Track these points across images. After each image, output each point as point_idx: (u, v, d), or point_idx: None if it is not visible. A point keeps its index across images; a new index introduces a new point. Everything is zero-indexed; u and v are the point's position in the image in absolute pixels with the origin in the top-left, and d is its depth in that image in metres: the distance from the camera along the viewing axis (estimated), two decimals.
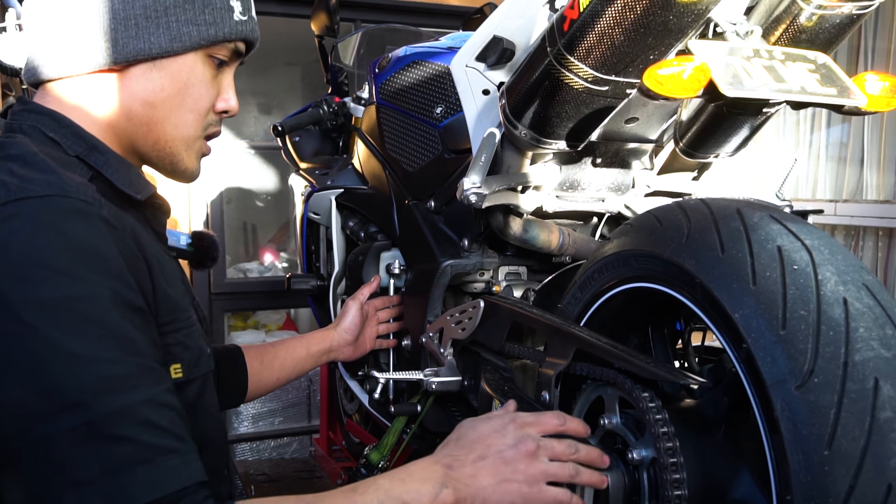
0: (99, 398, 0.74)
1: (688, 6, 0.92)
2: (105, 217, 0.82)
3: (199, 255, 1.14)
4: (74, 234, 0.79)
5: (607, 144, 1.29)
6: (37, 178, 0.81)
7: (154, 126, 1.00)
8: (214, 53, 1.01)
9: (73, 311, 0.76)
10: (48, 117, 0.95)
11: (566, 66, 1.04)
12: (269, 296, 3.66)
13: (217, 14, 0.99)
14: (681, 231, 0.94)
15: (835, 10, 1.01)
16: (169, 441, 0.77)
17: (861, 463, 0.71)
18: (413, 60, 1.73)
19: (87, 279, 0.77)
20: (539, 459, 0.97)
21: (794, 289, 0.80)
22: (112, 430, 0.74)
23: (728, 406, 0.97)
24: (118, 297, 0.79)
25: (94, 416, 0.73)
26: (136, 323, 0.81)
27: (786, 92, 0.92)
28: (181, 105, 1.01)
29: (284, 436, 3.39)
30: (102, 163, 0.95)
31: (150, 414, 0.77)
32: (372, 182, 1.89)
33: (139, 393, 0.77)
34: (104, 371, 0.75)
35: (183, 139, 1.02)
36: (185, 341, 0.96)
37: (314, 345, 1.58)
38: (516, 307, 1.26)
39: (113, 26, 0.94)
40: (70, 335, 0.75)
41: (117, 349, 0.77)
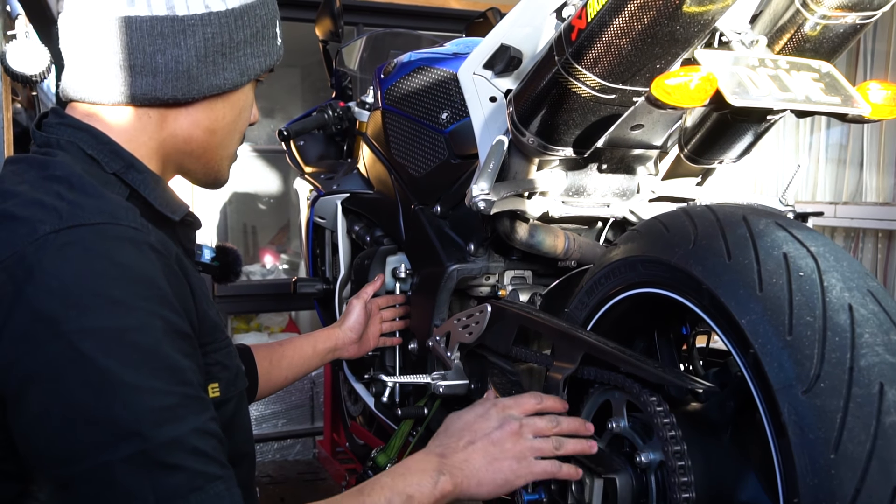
0: (153, 428, 0.76)
1: (694, 16, 0.94)
2: (153, 244, 0.84)
3: (223, 270, 1.15)
4: (127, 263, 0.80)
5: (613, 150, 1.31)
6: (86, 203, 0.82)
7: (210, 149, 1.04)
8: (260, 78, 1.06)
9: (127, 342, 0.77)
10: (86, 133, 0.94)
11: (574, 74, 1.06)
12: (271, 298, 3.67)
13: (270, 44, 1.04)
14: (687, 237, 0.95)
15: (839, 20, 1.02)
16: (215, 468, 0.80)
17: (867, 466, 0.72)
18: (418, 66, 1.74)
19: (140, 309, 0.79)
20: (524, 437, 1.05)
21: (800, 295, 0.81)
22: (166, 458, 0.76)
23: (734, 409, 0.99)
24: (169, 325, 0.81)
25: (150, 446, 0.75)
26: (185, 350, 0.83)
27: (791, 101, 0.93)
28: (234, 129, 1.06)
29: (288, 438, 3.40)
30: (140, 181, 0.96)
31: (198, 442, 0.79)
32: (377, 186, 1.90)
33: (188, 422, 0.79)
34: (157, 402, 0.77)
35: (228, 156, 1.08)
36: (224, 361, 0.98)
37: (320, 343, 1.61)
38: (524, 311, 1.27)
39: (194, 63, 0.95)
40: (125, 366, 0.76)
41: (168, 379, 0.79)
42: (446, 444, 1.05)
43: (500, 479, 1.02)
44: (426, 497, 0.97)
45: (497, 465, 1.02)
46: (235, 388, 1.01)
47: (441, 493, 0.98)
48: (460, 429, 1.07)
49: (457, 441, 1.05)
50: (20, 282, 0.76)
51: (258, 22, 1.00)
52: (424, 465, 1.01)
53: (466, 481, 1.01)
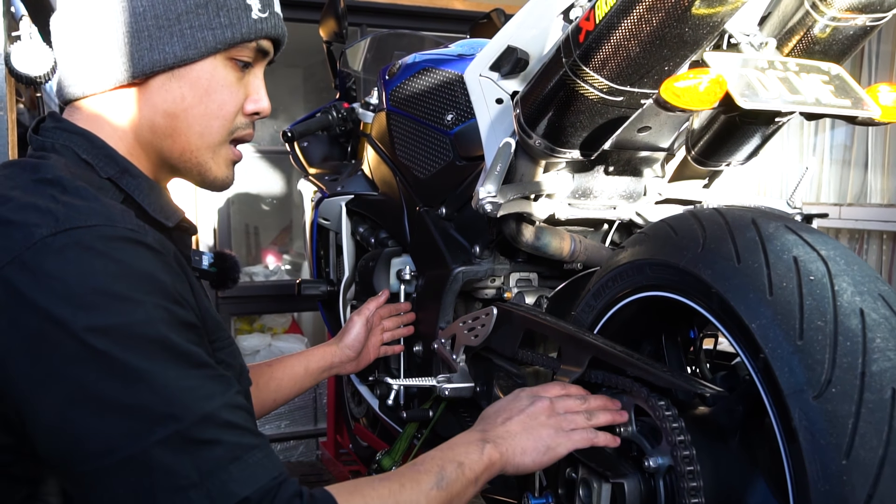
0: (184, 408, 0.77)
1: (703, 18, 0.93)
2: (150, 243, 0.84)
3: (220, 276, 1.15)
4: (127, 260, 0.80)
5: (620, 153, 1.30)
6: (81, 205, 0.82)
7: (178, 136, 0.99)
8: (236, 56, 0.99)
9: (138, 335, 0.78)
10: (81, 137, 0.94)
11: (581, 76, 1.05)
12: (274, 299, 3.67)
13: (233, 15, 0.96)
14: (696, 241, 0.95)
15: (848, 22, 1.02)
16: (250, 438, 0.81)
17: (879, 472, 0.72)
18: (423, 67, 1.73)
19: (144, 303, 0.79)
20: (557, 411, 1.07)
21: (810, 299, 0.81)
22: (202, 435, 0.77)
23: (743, 414, 0.98)
24: (174, 317, 0.82)
25: (183, 426, 0.76)
26: (193, 339, 0.84)
27: (800, 103, 0.93)
28: (205, 112, 0.98)
29: (291, 439, 3.40)
30: (134, 187, 0.96)
31: (229, 416, 0.80)
32: (382, 188, 1.90)
33: (216, 399, 0.80)
34: (181, 384, 0.78)
35: (208, 147, 1.01)
36: (228, 360, 0.98)
37: (314, 362, 1.55)
38: (530, 314, 1.27)
39: (127, 40, 0.93)
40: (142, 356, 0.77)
41: (186, 363, 0.80)
42: (484, 427, 1.07)
43: (542, 445, 1.04)
44: (475, 463, 0.99)
45: (537, 433, 1.04)
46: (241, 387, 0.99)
47: (489, 459, 1.00)
48: (495, 412, 1.10)
49: (493, 420, 1.08)
50: (23, 287, 0.76)
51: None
52: (469, 438, 1.03)
53: (511, 449, 1.03)
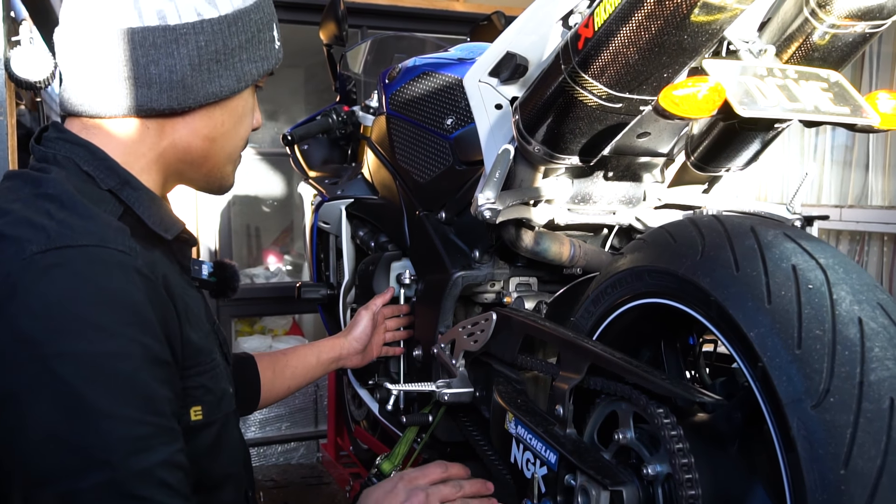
0: (124, 458, 0.76)
1: (702, 26, 0.93)
2: (140, 268, 0.83)
3: (220, 286, 1.16)
4: (112, 287, 0.80)
5: (619, 158, 1.30)
6: (76, 224, 0.82)
7: (211, 157, 1.04)
8: (259, 83, 1.05)
9: (105, 368, 0.77)
10: (84, 149, 0.94)
11: (580, 83, 1.05)
12: (275, 301, 3.67)
13: (267, 48, 1.03)
14: (695, 248, 0.95)
15: (848, 30, 1.01)
16: (179, 502, 0.80)
17: (877, 482, 0.72)
18: (423, 71, 1.74)
19: (121, 335, 0.79)
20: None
21: (809, 308, 0.81)
22: (134, 490, 0.76)
23: (741, 421, 0.98)
24: (149, 353, 0.81)
25: (119, 476, 0.76)
26: (162, 377, 0.83)
27: (799, 111, 0.93)
28: (236, 135, 1.05)
29: (291, 441, 3.40)
30: (134, 199, 0.95)
31: (165, 475, 0.79)
32: (382, 192, 1.90)
33: (158, 454, 0.79)
34: (130, 431, 0.77)
35: (231, 162, 1.08)
36: (208, 384, 0.97)
37: (324, 353, 1.59)
38: (529, 320, 1.27)
39: (189, 72, 0.94)
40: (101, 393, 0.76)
41: (142, 409, 0.79)
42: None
43: None
44: None
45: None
46: (220, 411, 1.00)
47: None
48: None
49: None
50: (3, 300, 0.76)
51: (253, 27, 0.99)
52: None
53: None
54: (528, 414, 1.18)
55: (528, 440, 1.15)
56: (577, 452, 1.05)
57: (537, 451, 1.12)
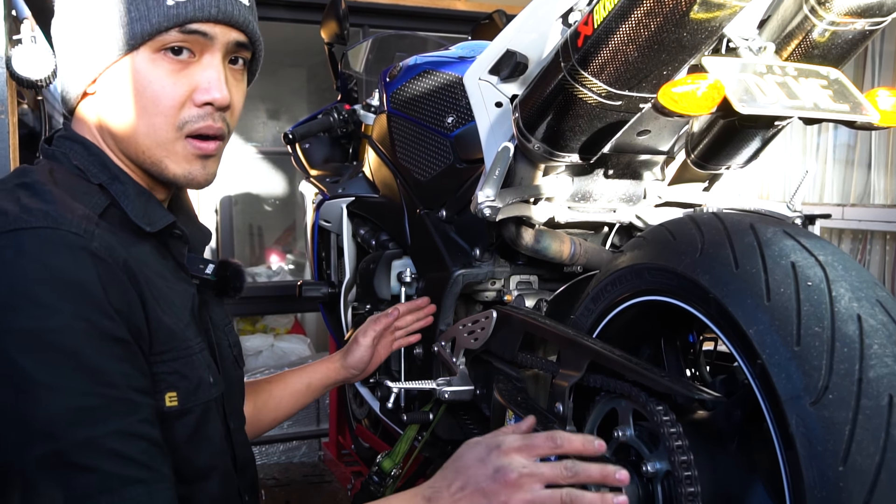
0: (67, 429, 0.77)
1: (702, 23, 0.93)
2: (93, 249, 0.84)
3: (221, 285, 1.14)
4: (58, 266, 0.81)
5: (619, 156, 1.30)
6: (35, 208, 0.84)
7: (129, 138, 0.97)
8: (163, 47, 0.94)
9: (46, 343, 0.78)
10: (79, 145, 0.98)
11: (580, 81, 1.05)
12: (277, 300, 3.67)
13: (142, 7, 0.93)
14: (694, 246, 0.95)
15: (847, 27, 1.01)
16: (136, 471, 0.80)
17: (876, 479, 0.72)
18: (424, 70, 1.74)
19: (63, 311, 0.80)
20: (523, 489, 0.90)
21: (808, 305, 0.81)
22: (78, 459, 0.77)
23: (741, 418, 0.98)
24: (95, 328, 0.81)
25: (62, 447, 0.76)
26: (116, 354, 0.83)
27: (799, 108, 0.93)
28: (142, 110, 0.95)
29: (293, 439, 3.40)
30: (121, 193, 0.97)
31: (117, 445, 0.79)
32: (383, 191, 1.90)
33: (108, 424, 0.79)
34: (72, 402, 0.78)
35: (159, 145, 0.97)
36: (182, 370, 0.96)
37: (316, 379, 1.50)
38: (529, 318, 1.27)
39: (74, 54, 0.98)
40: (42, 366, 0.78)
41: (87, 381, 0.79)
42: (436, 487, 0.96)
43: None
44: None
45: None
46: (197, 399, 0.98)
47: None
48: (456, 470, 0.96)
49: (448, 484, 0.95)
50: None
51: None
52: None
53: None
54: (528, 411, 1.18)
55: None
56: None
57: None
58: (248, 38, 1.01)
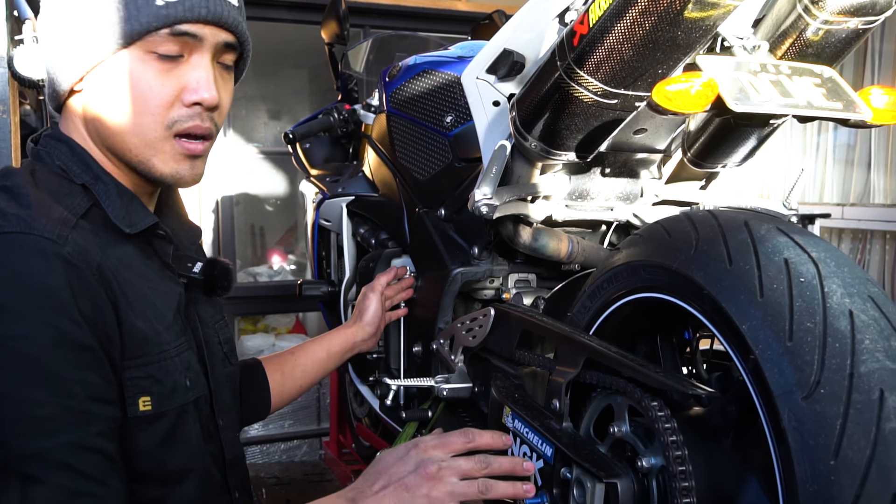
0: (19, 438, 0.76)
1: (696, 22, 0.94)
2: (64, 255, 0.84)
3: (209, 283, 1.14)
4: (26, 271, 0.81)
5: (616, 154, 1.31)
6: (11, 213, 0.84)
7: (115, 137, 0.98)
8: (153, 48, 0.95)
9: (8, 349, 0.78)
10: (64, 145, 0.98)
11: (576, 79, 1.06)
12: (278, 300, 3.68)
13: (131, 7, 0.93)
14: (689, 243, 0.95)
15: (841, 25, 1.02)
16: (87, 485, 0.79)
17: (866, 473, 0.72)
18: (423, 69, 1.74)
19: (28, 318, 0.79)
20: (443, 481, 0.97)
21: (800, 301, 0.81)
22: (27, 470, 0.76)
23: (736, 414, 0.99)
24: (62, 336, 0.81)
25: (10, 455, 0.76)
26: (81, 361, 0.83)
27: (792, 106, 0.93)
28: (130, 110, 0.96)
29: (294, 439, 3.41)
30: (103, 193, 0.97)
31: (69, 457, 0.79)
32: (382, 190, 1.91)
33: (62, 436, 0.78)
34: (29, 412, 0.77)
35: (146, 144, 0.98)
36: (156, 375, 0.96)
37: (335, 345, 1.56)
38: (526, 315, 1.27)
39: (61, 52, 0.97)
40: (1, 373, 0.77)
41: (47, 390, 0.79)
42: (359, 489, 1.00)
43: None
44: None
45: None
46: (171, 403, 0.98)
47: None
48: (377, 471, 1.02)
49: (371, 485, 1.00)
50: None
51: None
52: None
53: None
54: (526, 408, 1.19)
55: (525, 434, 1.16)
56: (572, 446, 1.05)
57: (534, 444, 1.13)
58: (237, 38, 1.02)
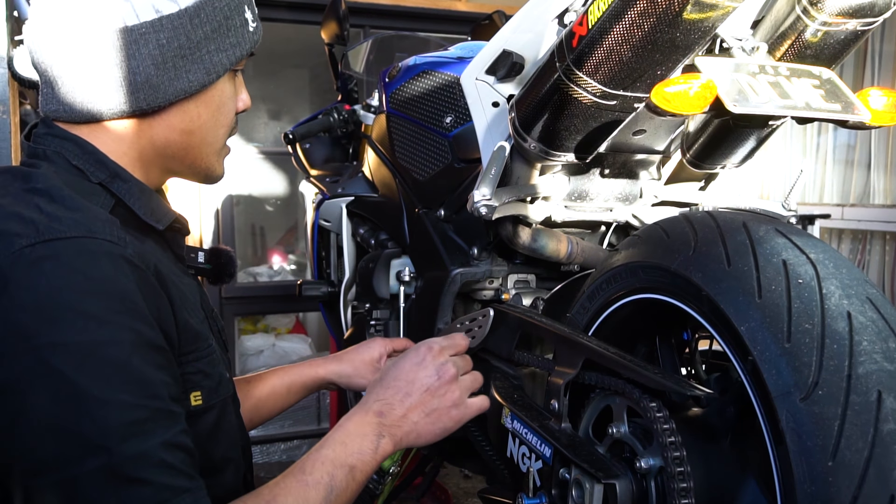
0: (120, 442, 0.76)
1: (695, 23, 0.94)
2: (129, 257, 0.84)
3: (216, 272, 1.15)
4: (101, 277, 0.80)
5: (615, 155, 1.31)
6: (64, 216, 0.83)
7: (192, 149, 1.03)
8: (236, 68, 1.04)
9: (97, 356, 0.78)
10: (73, 143, 0.95)
11: (575, 80, 1.06)
12: (279, 300, 3.68)
13: (239, 34, 1.01)
14: (688, 244, 0.96)
15: (839, 27, 1.02)
16: (182, 481, 0.80)
17: (864, 474, 0.72)
18: (423, 70, 1.74)
19: (112, 323, 0.79)
20: (458, 380, 1.10)
21: (798, 302, 0.81)
22: (132, 473, 0.77)
23: (734, 415, 0.99)
24: (141, 338, 0.81)
25: (116, 460, 0.76)
26: (158, 362, 0.84)
27: (791, 108, 0.94)
28: (216, 125, 1.03)
29: (294, 439, 3.41)
30: (125, 191, 0.97)
31: (165, 456, 0.79)
32: (382, 190, 1.91)
33: (157, 436, 0.79)
34: (125, 416, 0.78)
35: (215, 152, 1.06)
36: (206, 369, 0.98)
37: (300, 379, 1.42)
38: (526, 316, 1.27)
39: (154, 72, 0.94)
40: (94, 380, 0.77)
41: (137, 393, 0.79)
42: (383, 400, 1.06)
43: (439, 428, 1.07)
44: (367, 464, 0.99)
45: (436, 415, 1.07)
46: (218, 396, 1.00)
47: (382, 455, 1.01)
48: (395, 378, 1.09)
49: (394, 394, 1.07)
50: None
51: (218, 15, 0.97)
52: (363, 429, 1.02)
53: (406, 437, 1.04)
54: (525, 409, 1.19)
55: (524, 435, 1.16)
56: (571, 446, 1.06)
57: (533, 445, 1.13)
58: None
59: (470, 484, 2.84)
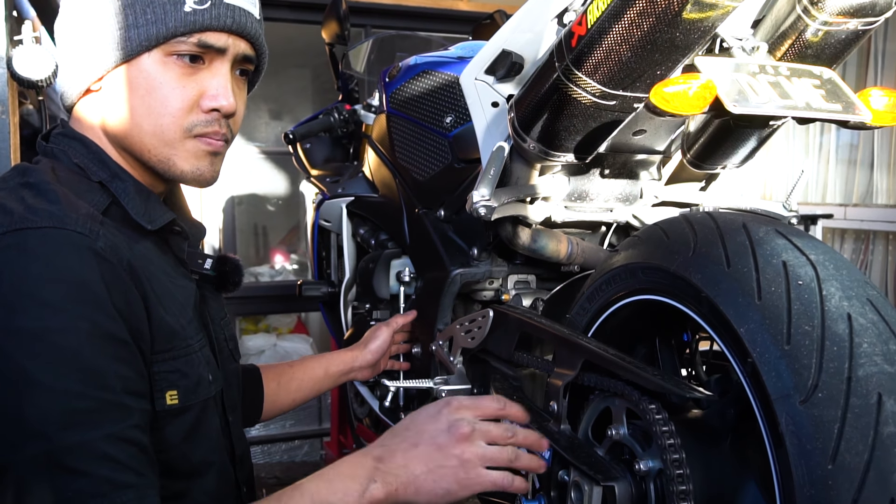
0: (61, 431, 0.77)
1: (694, 23, 0.93)
2: (97, 249, 0.84)
3: (220, 280, 1.16)
4: (62, 266, 0.81)
5: (615, 156, 1.30)
6: (41, 208, 0.84)
7: (133, 136, 0.99)
8: (175, 51, 0.96)
9: (48, 343, 0.78)
10: (79, 143, 0.99)
11: (574, 81, 1.05)
12: (280, 300, 3.68)
13: (159, 10, 0.94)
14: (687, 245, 0.95)
15: (840, 27, 1.02)
16: (127, 477, 0.80)
17: (864, 477, 0.72)
18: (423, 70, 1.74)
19: (67, 311, 0.80)
20: (474, 443, 0.97)
21: (798, 304, 0.81)
22: (70, 462, 0.77)
23: (734, 417, 0.98)
24: (98, 329, 0.82)
25: (54, 448, 0.76)
26: (117, 354, 0.83)
27: (791, 108, 0.93)
28: (149, 110, 0.97)
29: (295, 439, 3.41)
30: (122, 191, 0.98)
31: (109, 449, 0.79)
32: (382, 190, 1.91)
33: (102, 428, 0.79)
34: (69, 405, 0.78)
35: (165, 144, 0.99)
36: (183, 368, 0.97)
37: (334, 366, 1.56)
38: (525, 317, 1.27)
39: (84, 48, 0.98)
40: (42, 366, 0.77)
41: (86, 383, 0.79)
42: (387, 446, 0.99)
43: (442, 488, 0.96)
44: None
45: (440, 473, 0.96)
46: (197, 397, 0.99)
47: (370, 500, 0.93)
48: (406, 429, 1.01)
49: (399, 443, 0.99)
50: None
51: None
52: (355, 470, 0.96)
53: (402, 489, 0.95)
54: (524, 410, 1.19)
55: None
56: (570, 448, 1.05)
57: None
58: (256, 51, 1.04)
59: None
